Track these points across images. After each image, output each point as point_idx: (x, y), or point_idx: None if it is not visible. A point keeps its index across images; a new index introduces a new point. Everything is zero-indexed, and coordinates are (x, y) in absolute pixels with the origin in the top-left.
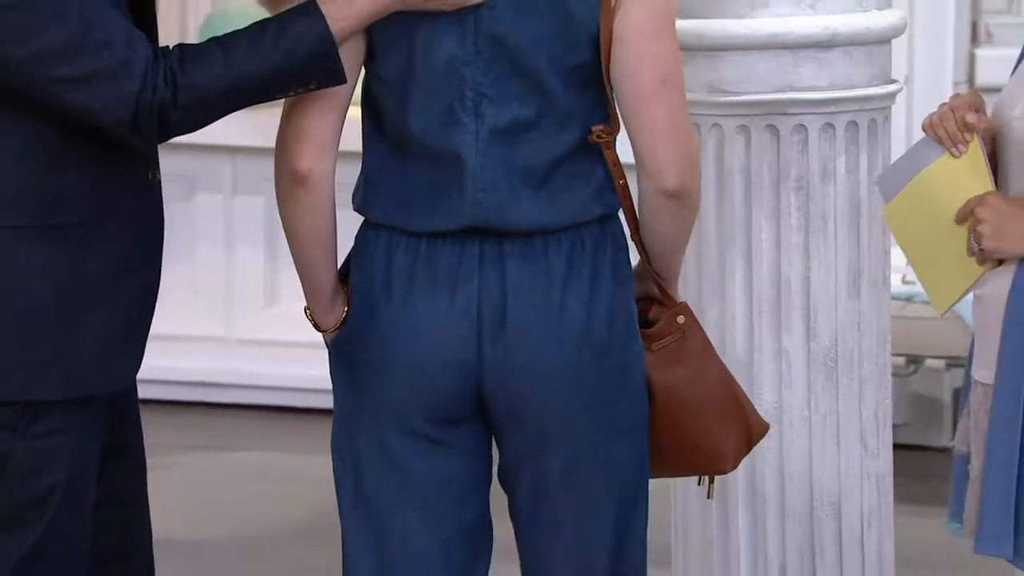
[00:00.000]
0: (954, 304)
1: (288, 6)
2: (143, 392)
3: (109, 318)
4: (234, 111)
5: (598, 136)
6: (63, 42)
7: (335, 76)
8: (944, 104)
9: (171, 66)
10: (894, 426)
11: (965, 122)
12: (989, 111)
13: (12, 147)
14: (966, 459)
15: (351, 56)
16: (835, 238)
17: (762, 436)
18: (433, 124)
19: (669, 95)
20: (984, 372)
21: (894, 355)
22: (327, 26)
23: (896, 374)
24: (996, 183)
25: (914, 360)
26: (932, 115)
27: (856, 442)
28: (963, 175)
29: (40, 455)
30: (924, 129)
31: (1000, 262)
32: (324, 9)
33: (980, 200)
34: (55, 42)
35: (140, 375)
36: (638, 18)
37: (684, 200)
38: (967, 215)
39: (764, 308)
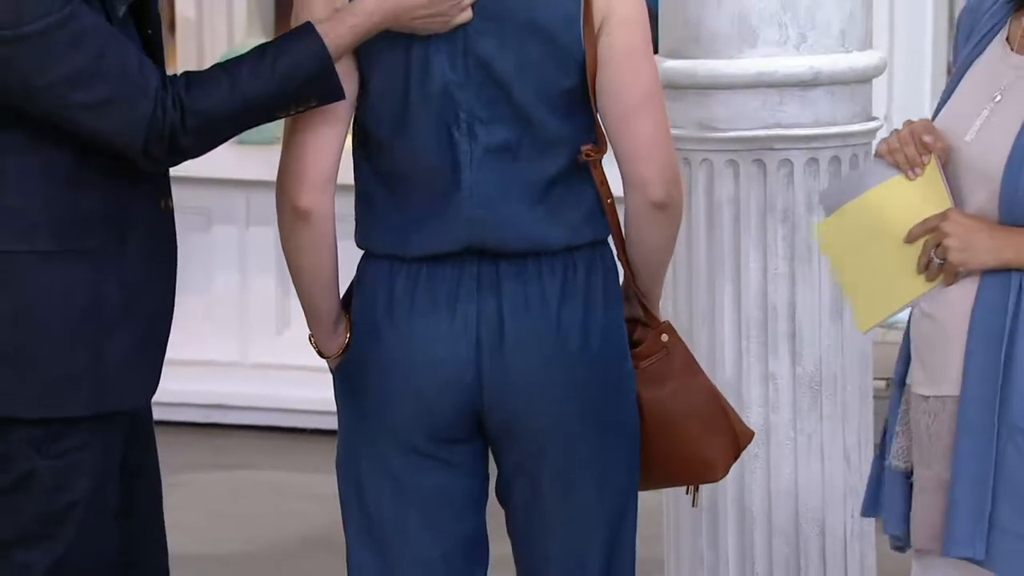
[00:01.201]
0: (879, 323)
1: None
2: (161, 414)
3: (130, 336)
4: (240, 132)
5: (587, 155)
6: (79, 70)
7: (333, 93)
8: (896, 131)
9: (179, 92)
10: (875, 447)
11: (923, 141)
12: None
13: (33, 173)
14: (905, 474)
15: (347, 90)
16: (819, 267)
17: (749, 441)
18: (429, 146)
19: (652, 110)
20: (936, 386)
21: (876, 379)
22: (323, 45)
23: (877, 396)
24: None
25: None
26: (887, 141)
27: (840, 461)
28: (917, 196)
29: (63, 472)
30: (881, 155)
31: (952, 280)
32: (319, 28)
33: (943, 216)
34: (71, 70)
35: (158, 398)
36: (622, 40)
37: (669, 211)
38: (924, 232)
39: (752, 333)
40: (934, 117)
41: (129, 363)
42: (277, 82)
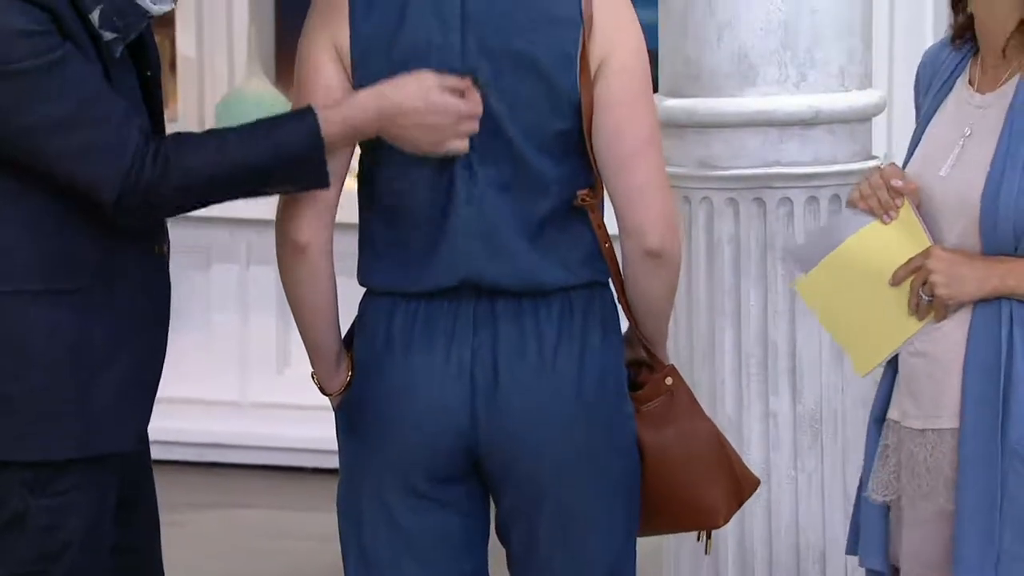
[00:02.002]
0: (878, 365)
1: None
2: (160, 453)
3: (116, 379)
4: (223, 200)
5: (583, 200)
6: (60, 116)
7: (319, 179)
8: (868, 178)
9: (166, 149)
10: None
11: (894, 186)
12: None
13: (21, 214)
14: (884, 508)
15: None
16: None
17: (753, 490)
18: (428, 183)
19: (649, 157)
20: (933, 420)
21: None
22: (319, 128)
23: None
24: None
25: None
26: (859, 188)
27: (840, 499)
28: (895, 239)
29: (56, 512)
30: (853, 203)
31: (946, 314)
32: (320, 113)
33: (925, 254)
34: (53, 115)
35: (156, 436)
36: (618, 86)
37: (664, 259)
38: (909, 273)
39: (752, 371)
40: (904, 165)
41: (115, 406)
42: (266, 153)
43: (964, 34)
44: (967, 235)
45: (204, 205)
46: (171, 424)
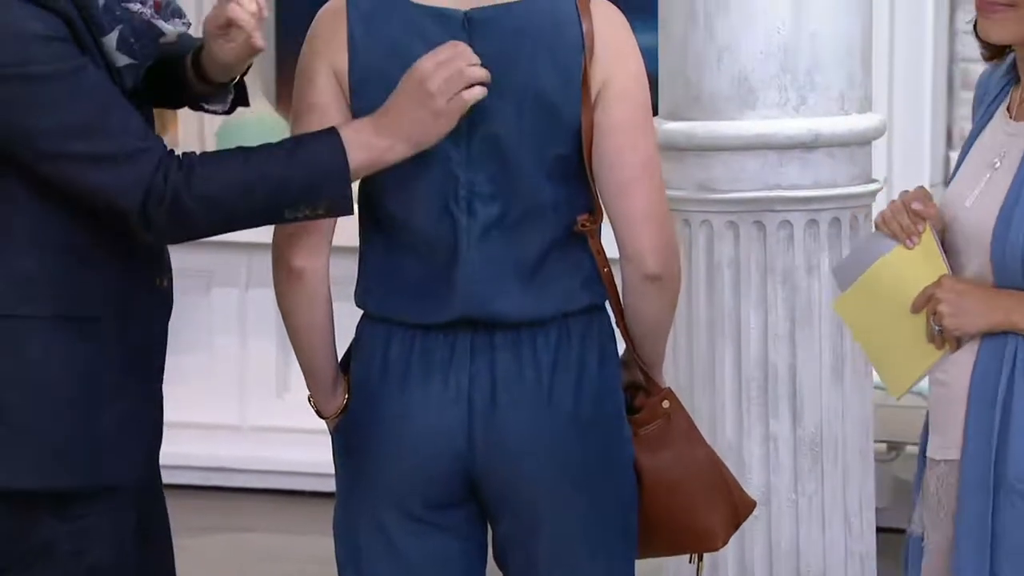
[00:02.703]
0: (909, 389)
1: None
2: (164, 478)
3: (124, 411)
4: (246, 219)
5: (582, 225)
6: (85, 120)
7: (344, 201)
8: (894, 201)
9: (190, 159)
10: (876, 509)
11: (915, 211)
12: (937, 205)
13: (37, 240)
14: (921, 539)
15: None
16: (819, 329)
17: (749, 513)
18: (429, 220)
19: (648, 182)
20: (946, 451)
21: (876, 442)
22: (343, 147)
23: (878, 460)
24: (950, 270)
25: (895, 447)
26: (883, 212)
27: (840, 524)
28: (917, 265)
29: (81, 537)
30: (877, 226)
31: (958, 344)
32: (343, 134)
33: (936, 283)
34: (78, 119)
35: (161, 461)
36: (618, 112)
37: (664, 283)
38: (925, 302)
39: (752, 395)
40: (947, 185)
41: (118, 438)
42: (293, 166)
43: (1001, 54)
44: (984, 267)
45: (228, 222)
46: (171, 448)
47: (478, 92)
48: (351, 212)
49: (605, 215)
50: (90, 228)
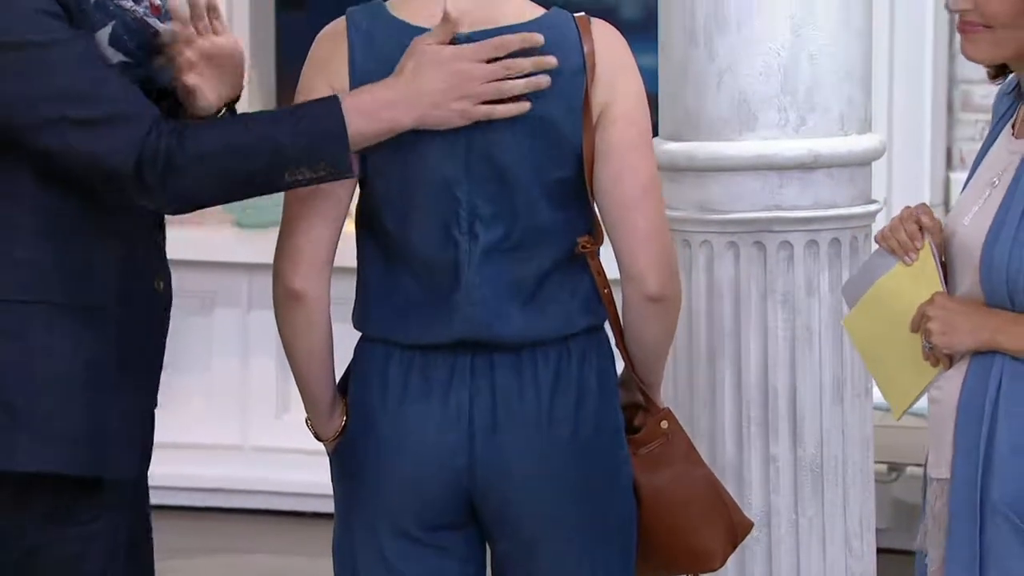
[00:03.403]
0: (908, 408)
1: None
2: (160, 498)
3: (126, 403)
4: (244, 180)
5: (583, 247)
6: (79, 87)
7: (344, 164)
8: (895, 217)
9: (182, 125)
10: (877, 530)
11: (919, 224)
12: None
13: (41, 226)
14: (925, 556)
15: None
16: (819, 350)
17: (747, 533)
18: (429, 241)
19: (649, 204)
20: (939, 469)
21: (877, 462)
22: (341, 113)
23: (879, 480)
24: (947, 287)
25: (896, 468)
26: (884, 228)
27: (841, 545)
28: (915, 282)
29: (76, 542)
30: (877, 241)
31: (951, 362)
32: (342, 98)
33: (928, 301)
34: (74, 85)
35: (157, 481)
36: (619, 134)
37: (665, 304)
38: (919, 320)
39: (752, 416)
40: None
41: (121, 430)
42: (290, 127)
43: (1002, 73)
44: (975, 285)
45: (225, 184)
46: (171, 469)
47: (510, 110)
48: (353, 175)
49: (605, 236)
50: (94, 221)
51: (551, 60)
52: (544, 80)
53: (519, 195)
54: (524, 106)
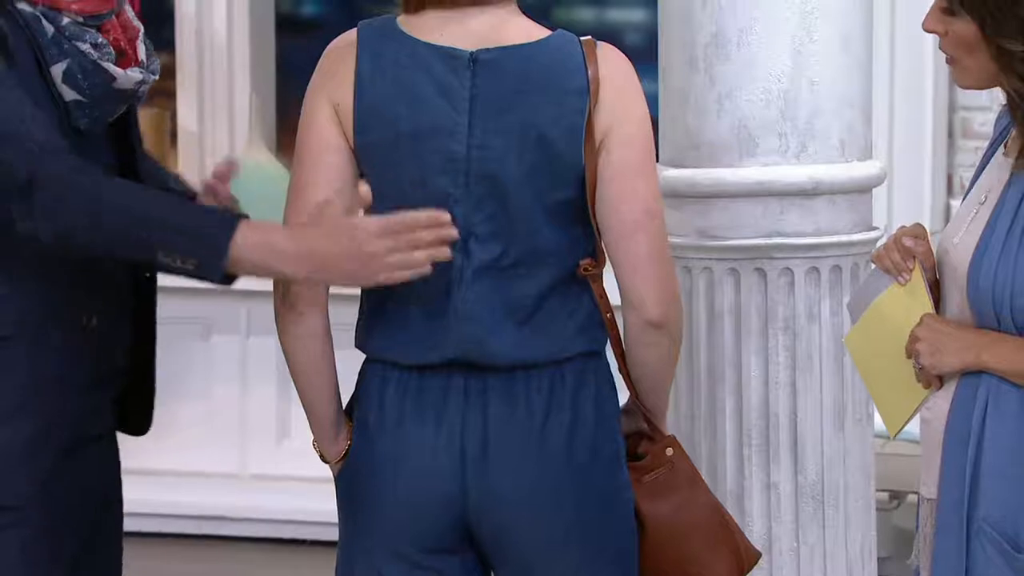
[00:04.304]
0: (902, 428)
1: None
2: (158, 526)
3: (21, 430)
4: (111, 229)
5: (585, 269)
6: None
7: (214, 266)
8: (889, 238)
9: (93, 167)
10: (878, 558)
11: (904, 246)
12: (935, 245)
13: None
14: (917, 573)
15: (343, 182)
16: (821, 377)
17: (755, 563)
18: None
19: (651, 228)
20: (929, 489)
21: (878, 490)
22: (237, 221)
23: (880, 508)
24: (937, 308)
25: (897, 495)
26: (879, 248)
27: (843, 573)
28: (909, 302)
29: None
30: (872, 261)
31: (941, 383)
32: (240, 225)
33: (918, 322)
34: None
35: (157, 509)
36: (621, 157)
37: (666, 330)
38: (910, 341)
39: (753, 442)
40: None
41: (19, 455)
42: (185, 215)
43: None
44: (963, 305)
45: (92, 226)
46: (170, 497)
47: (415, 272)
48: (216, 280)
49: (606, 261)
50: (8, 255)
51: (453, 233)
52: (444, 252)
53: (519, 215)
54: (424, 270)
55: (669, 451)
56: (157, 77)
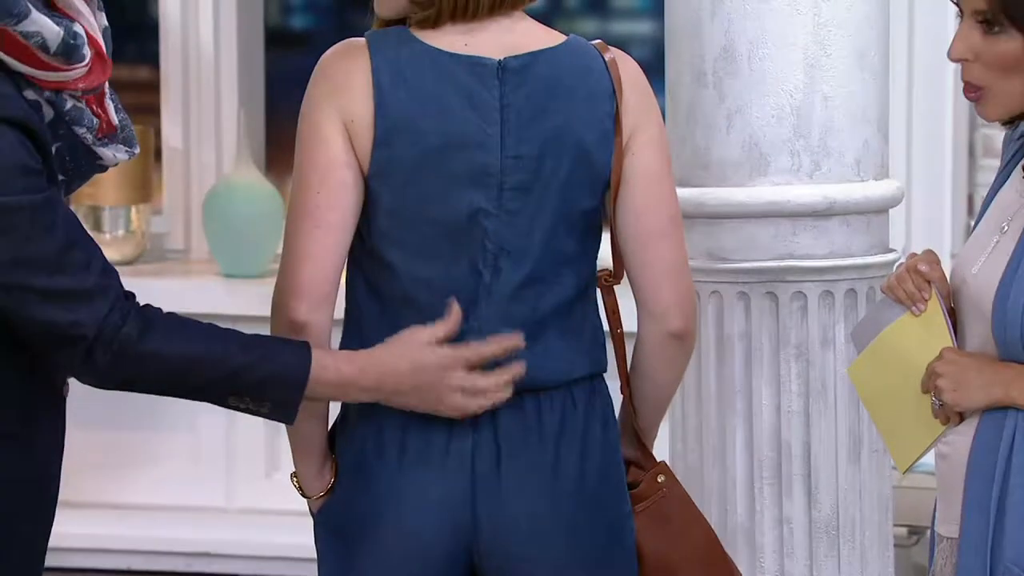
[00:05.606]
0: (914, 464)
1: None
2: (143, 563)
3: None
4: (187, 391)
5: (605, 280)
6: (47, 254)
7: (288, 411)
8: (901, 265)
9: (151, 313)
10: None
11: (919, 272)
12: (948, 272)
13: None
14: None
15: (352, 202)
16: (835, 405)
17: None
18: (448, 276)
19: (676, 236)
20: (948, 527)
21: (896, 525)
22: (309, 362)
23: (898, 544)
24: (957, 339)
25: (916, 531)
26: (890, 277)
27: None
28: (924, 334)
29: None
30: (883, 291)
31: (961, 418)
32: (315, 354)
33: (938, 357)
34: (42, 253)
35: (142, 546)
36: (646, 160)
37: (686, 341)
38: (930, 375)
39: (765, 474)
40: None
41: None
42: (254, 357)
43: (1013, 121)
44: (987, 338)
45: (170, 388)
46: (154, 532)
47: (485, 404)
48: (291, 422)
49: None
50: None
51: (519, 370)
52: (505, 394)
53: (546, 227)
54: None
55: (661, 478)
56: (138, 152)
